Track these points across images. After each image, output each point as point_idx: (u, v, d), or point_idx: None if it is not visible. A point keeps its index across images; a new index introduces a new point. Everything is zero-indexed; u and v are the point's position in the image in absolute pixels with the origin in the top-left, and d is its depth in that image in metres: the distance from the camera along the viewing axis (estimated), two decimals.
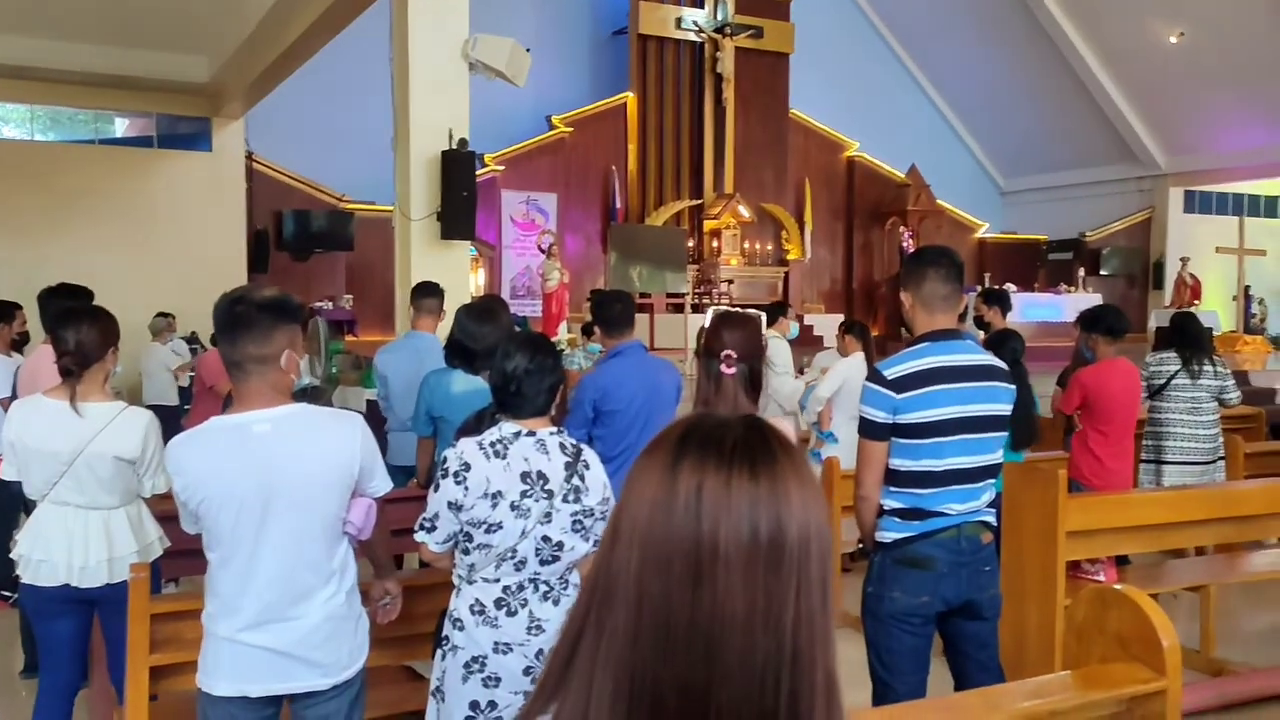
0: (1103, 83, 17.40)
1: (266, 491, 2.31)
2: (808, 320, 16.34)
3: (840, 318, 16.53)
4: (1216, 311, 16.57)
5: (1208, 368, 5.72)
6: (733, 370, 2.72)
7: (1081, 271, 17.68)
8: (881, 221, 18.31)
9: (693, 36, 16.36)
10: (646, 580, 0.84)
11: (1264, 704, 4.30)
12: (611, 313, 4.38)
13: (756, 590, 0.83)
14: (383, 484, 2.54)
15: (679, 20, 16.23)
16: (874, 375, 2.97)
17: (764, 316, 5.68)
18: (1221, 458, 5.85)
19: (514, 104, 14.82)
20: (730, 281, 16.05)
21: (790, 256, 17.23)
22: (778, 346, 7.59)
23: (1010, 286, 14.50)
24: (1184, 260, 17.48)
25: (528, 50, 7.66)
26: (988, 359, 3.06)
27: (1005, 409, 3.03)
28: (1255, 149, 16.57)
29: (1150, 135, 17.89)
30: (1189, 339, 5.83)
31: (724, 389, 2.71)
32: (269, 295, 2.35)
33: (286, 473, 2.32)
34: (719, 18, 16.38)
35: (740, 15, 16.47)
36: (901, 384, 2.89)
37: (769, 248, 17.14)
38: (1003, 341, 4.95)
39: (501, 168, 15.36)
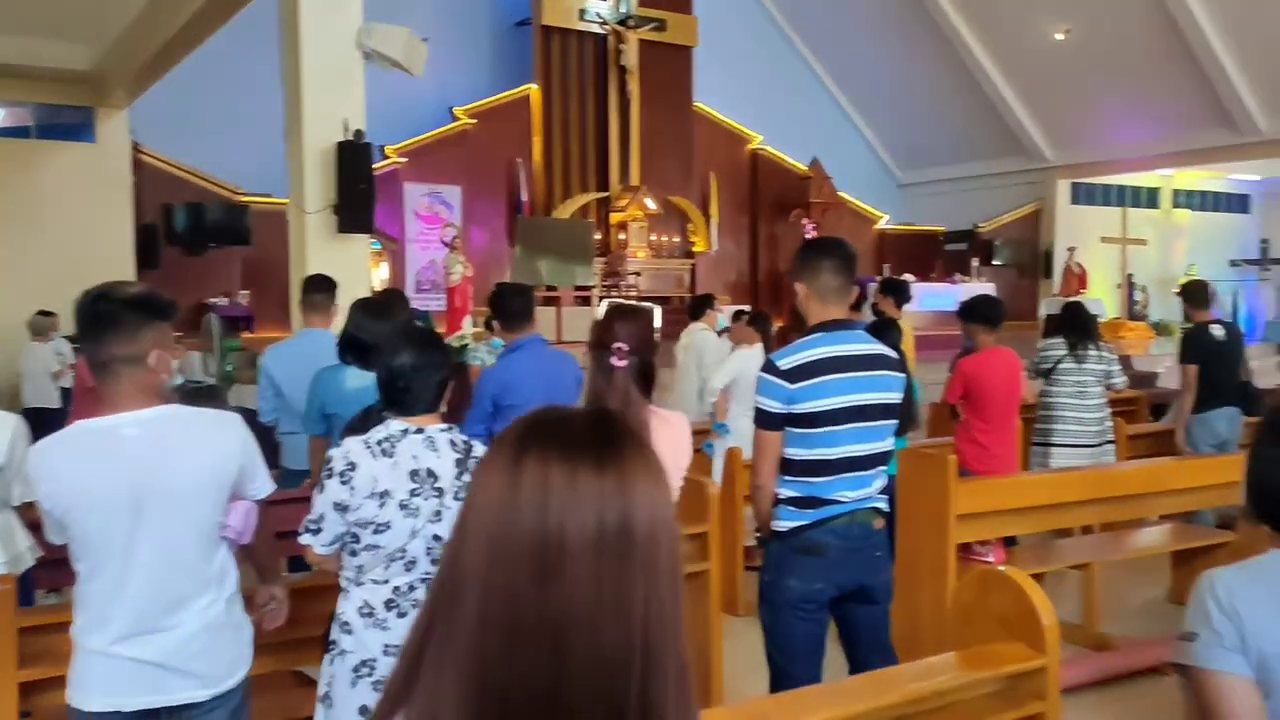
0: (993, 78, 17.90)
1: (137, 497, 2.21)
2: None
3: (748, 309, 16.81)
4: (1102, 299, 17.21)
5: (1093, 353, 5.91)
6: (624, 363, 2.72)
7: (975, 261, 18.19)
8: (785, 213, 18.56)
9: (596, 28, 16.33)
10: (493, 577, 0.83)
11: (1143, 675, 4.48)
12: (511, 306, 4.36)
13: (605, 583, 0.82)
14: (264, 486, 2.47)
15: (582, 12, 16.18)
16: (768, 366, 3.00)
17: (657, 310, 5.71)
18: (1110, 440, 6.07)
19: (416, 95, 14.58)
20: (638, 274, 16.09)
21: (697, 249, 17.34)
22: (706, 339, 7.63)
23: (908, 277, 14.85)
24: (1071, 250, 18.11)
25: (424, 40, 7.54)
26: (878, 348, 3.11)
27: (896, 397, 3.10)
28: (1137, 143, 17.25)
29: (1039, 129, 18.48)
30: (1077, 326, 6.03)
31: (615, 382, 2.71)
32: (135, 292, 2.25)
33: (158, 477, 2.23)
34: (622, 10, 16.38)
35: (643, 8, 16.49)
36: (795, 374, 2.93)
37: (676, 240, 17.23)
38: (881, 332, 5.05)
39: (404, 160, 15.10)
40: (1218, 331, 6.38)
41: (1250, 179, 20.85)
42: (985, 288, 15.91)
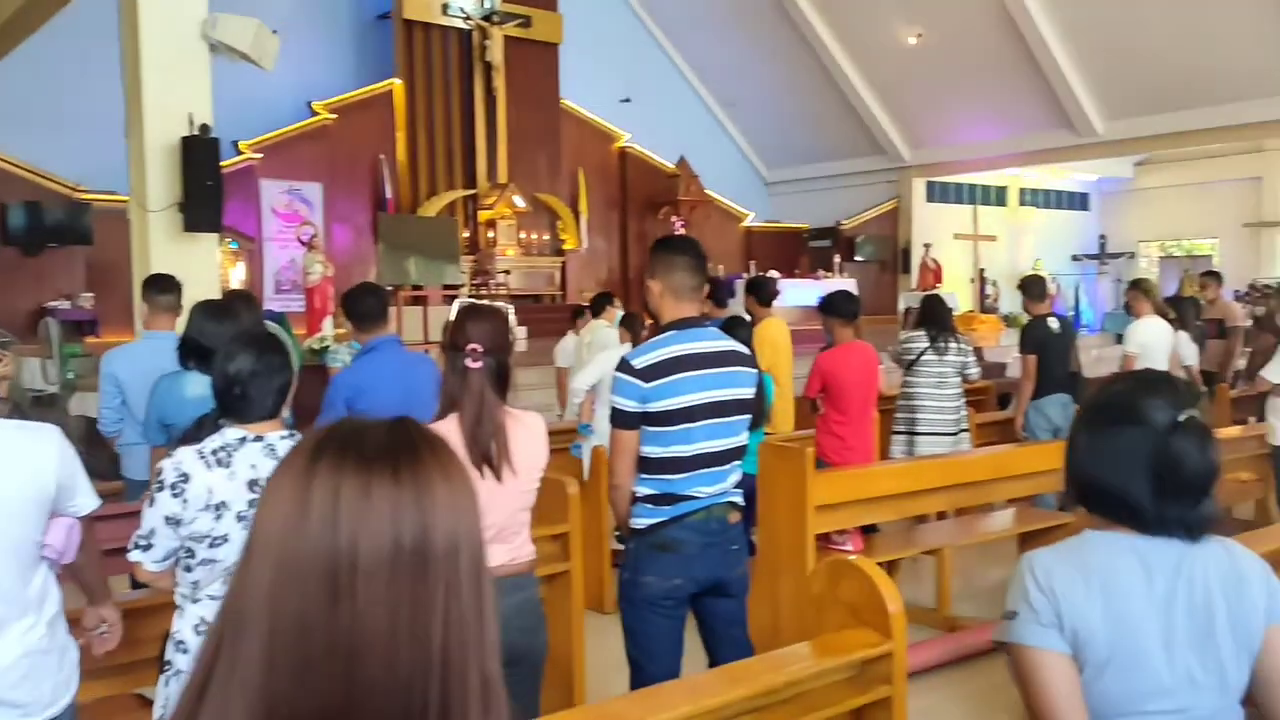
0: (852, 80, 18.43)
1: None
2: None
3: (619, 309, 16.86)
4: (956, 293, 17.91)
5: (952, 345, 6.16)
6: (479, 364, 2.67)
7: (838, 258, 18.70)
8: (654, 211, 18.71)
9: (460, 23, 16.11)
10: (280, 600, 0.79)
11: (988, 655, 4.67)
12: (364, 307, 4.25)
13: (401, 600, 0.79)
14: (87, 501, 2.34)
15: (445, 6, 15.93)
16: (623, 365, 3.00)
17: (511, 309, 5.67)
18: (965, 429, 6.34)
19: (274, 89, 14.09)
20: (507, 272, 15.96)
21: (567, 246, 17.31)
22: (610, 335, 7.60)
23: (774, 273, 15.14)
24: (927, 246, 18.81)
25: (275, 32, 7.29)
26: (731, 345, 3.15)
27: (749, 392, 3.14)
28: (986, 143, 18.03)
29: (895, 130, 19.11)
30: (936, 319, 6.27)
31: (470, 384, 2.66)
32: None
33: None
34: (486, 5, 16.21)
35: (508, 4, 16.36)
36: (649, 372, 2.94)
37: (545, 238, 17.16)
38: (731, 329, 5.14)
39: (260, 155, 14.59)
40: (1053, 324, 6.75)
41: (1089, 178, 22.05)
42: (847, 283, 16.35)
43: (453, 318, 2.83)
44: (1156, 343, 7.09)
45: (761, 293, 6.87)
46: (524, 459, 2.63)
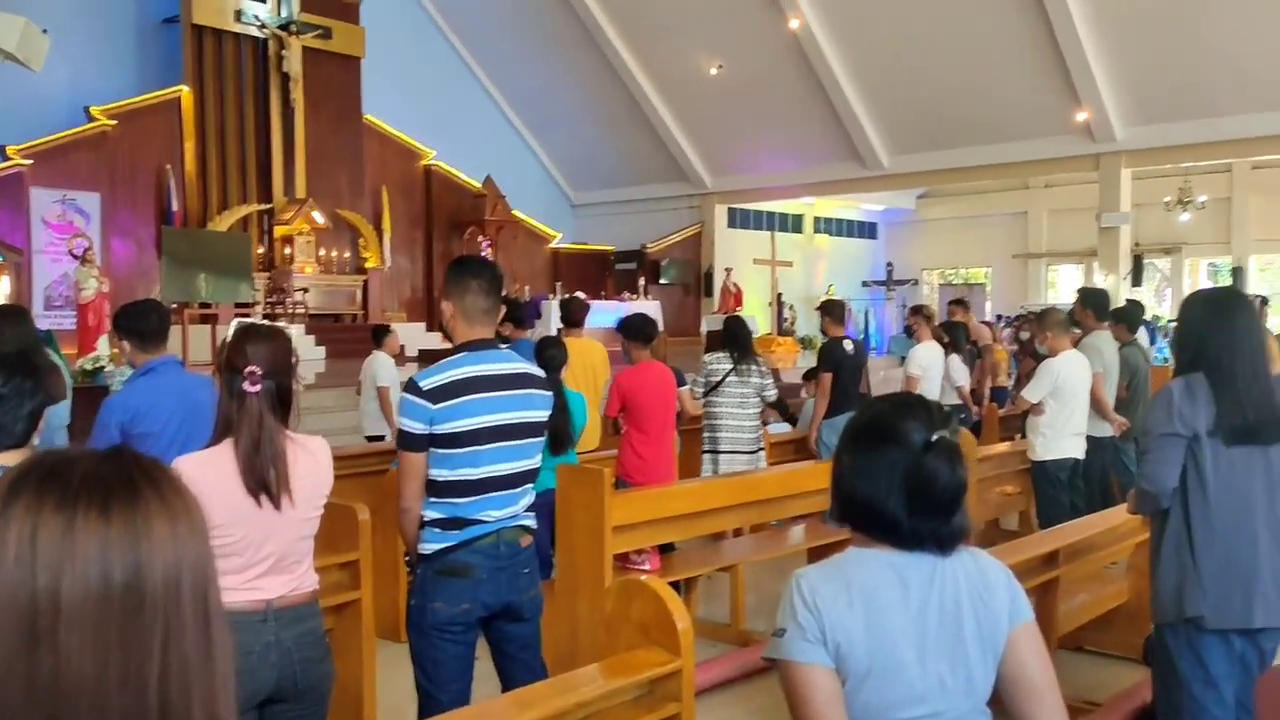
0: (657, 107, 18.88)
1: None
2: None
3: (422, 326, 16.57)
4: (755, 316, 18.58)
5: (753, 368, 6.39)
6: (257, 388, 2.55)
7: (643, 280, 19.05)
8: (460, 230, 18.51)
9: (255, 32, 15.46)
10: None
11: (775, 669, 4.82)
12: (148, 325, 3.96)
13: (110, 645, 0.74)
14: None
15: (239, 13, 15.25)
16: (410, 386, 2.94)
17: (289, 330, 5.52)
18: (762, 447, 6.58)
19: (47, 92, 13.18)
20: (305, 290, 15.38)
21: (369, 264, 16.85)
22: (386, 362, 7.85)
23: (580, 294, 15.25)
24: (728, 270, 19.45)
25: (45, 31, 6.80)
26: (525, 367, 3.14)
27: (542, 415, 3.13)
28: (783, 172, 18.85)
29: (698, 157, 19.70)
30: (738, 342, 6.49)
31: (248, 408, 2.54)
32: None
33: None
34: (283, 14, 15.62)
35: (307, 14, 15.81)
36: (437, 394, 2.89)
37: (346, 255, 16.66)
38: (542, 350, 5.16)
39: (29, 162, 13.52)
40: (848, 346, 7.13)
41: (876, 209, 23.40)
42: (652, 305, 16.69)
43: (230, 339, 2.70)
44: (933, 365, 7.59)
45: (568, 314, 6.93)
46: (305, 486, 2.53)
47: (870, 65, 16.42)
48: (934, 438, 1.71)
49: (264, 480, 2.43)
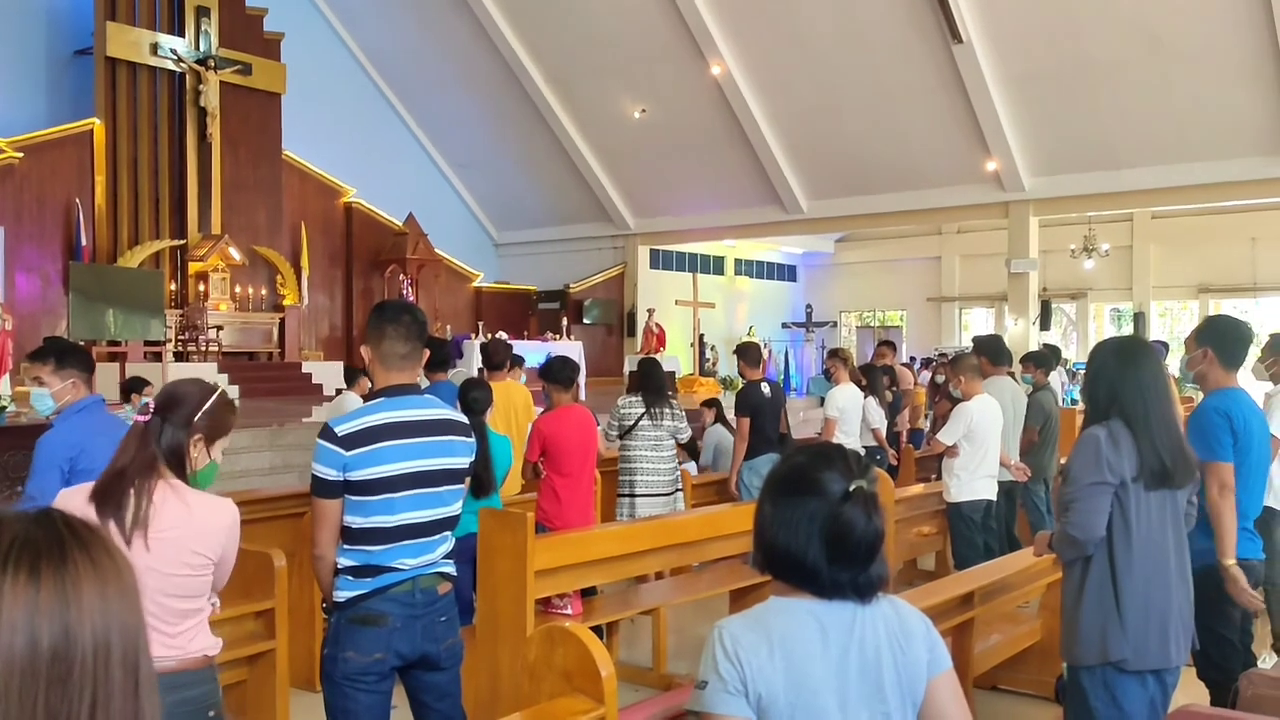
0: (580, 148, 19.03)
1: None
2: (306, 368, 15.82)
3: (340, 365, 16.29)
4: (678, 357, 18.71)
5: (667, 410, 6.40)
6: (145, 417, 2.52)
7: (566, 320, 19.07)
8: (381, 269, 18.34)
9: (171, 65, 15.19)
10: None
11: None
12: (89, 360, 3.85)
13: (35, 712, 0.72)
14: None
15: (155, 46, 14.97)
16: (325, 432, 2.89)
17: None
18: (680, 489, 6.58)
19: None
20: (220, 328, 15.05)
21: (286, 302, 16.57)
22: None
23: (503, 335, 15.20)
24: (650, 311, 19.58)
25: None
26: (445, 413, 3.11)
27: (463, 462, 3.10)
28: (705, 214, 19.12)
29: (621, 198, 19.87)
30: (651, 384, 6.49)
31: (132, 433, 2.49)
32: None
33: None
34: (201, 49, 15.39)
35: (226, 49, 15.62)
36: (351, 440, 2.85)
37: (263, 293, 16.36)
38: (466, 391, 5.13)
39: None
40: (765, 389, 7.19)
41: (796, 252, 23.84)
42: (574, 346, 16.69)
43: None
44: (851, 407, 7.71)
45: (490, 356, 6.88)
46: (169, 538, 2.42)
47: (790, 112, 16.81)
48: (851, 487, 1.74)
49: (114, 506, 2.36)
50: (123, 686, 0.77)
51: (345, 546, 2.89)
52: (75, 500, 2.38)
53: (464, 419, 3.21)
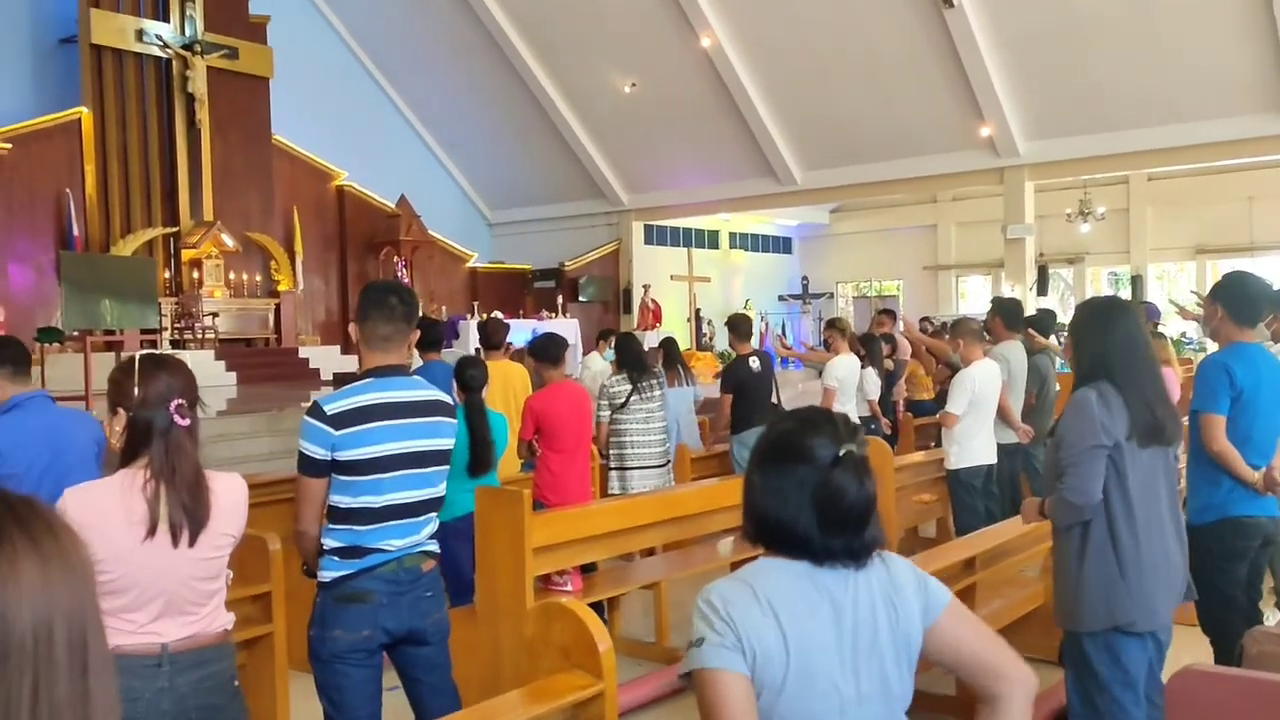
0: (571, 125, 18.90)
1: None
2: (303, 353, 15.79)
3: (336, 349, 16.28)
4: (675, 332, 18.66)
5: (654, 382, 6.41)
6: (187, 421, 2.41)
7: (562, 298, 19.02)
8: (375, 251, 18.27)
9: (157, 51, 15.06)
10: None
11: None
12: (7, 355, 3.71)
13: None
14: None
15: (140, 33, 14.83)
16: (314, 410, 2.87)
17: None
18: (670, 460, 6.59)
19: None
20: (215, 315, 15.00)
21: (281, 287, 16.51)
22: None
23: (499, 314, 15.18)
24: (646, 287, 19.53)
25: None
26: (432, 394, 3.08)
27: (448, 443, 3.08)
28: (698, 189, 19.02)
29: (614, 174, 19.77)
30: (630, 359, 6.49)
31: (173, 440, 2.38)
32: None
33: None
34: (187, 34, 15.25)
35: (212, 34, 15.47)
36: (341, 420, 2.83)
37: (258, 278, 16.29)
38: (462, 369, 5.10)
39: None
40: (754, 363, 7.17)
41: (791, 224, 23.75)
42: (571, 324, 16.67)
43: (132, 369, 2.53)
44: (850, 377, 7.68)
45: (488, 335, 6.85)
46: (212, 525, 2.41)
47: (782, 83, 16.68)
48: (841, 452, 1.71)
49: (178, 516, 2.32)
50: (68, 668, 0.75)
51: (331, 526, 2.88)
52: (73, 496, 2.31)
53: (450, 400, 3.19)
